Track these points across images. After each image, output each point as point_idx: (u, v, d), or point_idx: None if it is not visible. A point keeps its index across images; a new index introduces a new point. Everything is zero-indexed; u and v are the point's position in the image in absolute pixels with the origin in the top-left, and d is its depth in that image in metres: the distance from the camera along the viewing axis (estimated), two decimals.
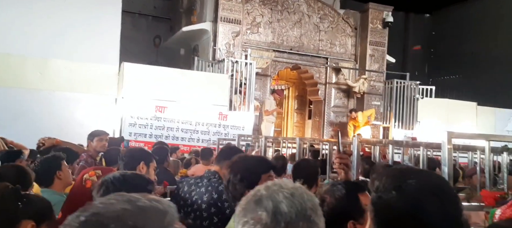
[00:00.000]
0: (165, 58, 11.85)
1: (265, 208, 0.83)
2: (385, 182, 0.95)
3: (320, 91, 10.30)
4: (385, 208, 0.92)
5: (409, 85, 9.79)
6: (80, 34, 7.09)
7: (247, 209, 0.85)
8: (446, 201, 0.89)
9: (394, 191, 0.91)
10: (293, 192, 0.86)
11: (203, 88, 7.65)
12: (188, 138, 7.47)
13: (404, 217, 0.88)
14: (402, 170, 0.99)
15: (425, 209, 0.86)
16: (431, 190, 0.90)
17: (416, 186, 0.90)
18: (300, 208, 0.83)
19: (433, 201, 0.87)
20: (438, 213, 0.86)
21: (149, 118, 7.20)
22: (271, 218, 0.81)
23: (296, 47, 9.86)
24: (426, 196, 0.88)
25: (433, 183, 0.92)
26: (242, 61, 8.27)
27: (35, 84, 6.55)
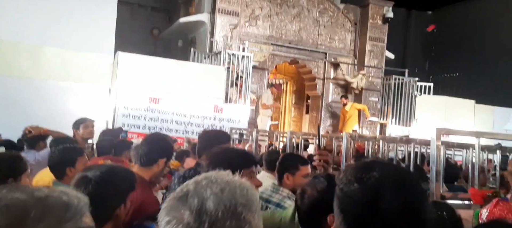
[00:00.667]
0: (163, 50, 11.76)
1: (189, 206, 0.76)
2: (348, 174, 0.91)
3: (318, 86, 10.23)
4: (347, 200, 0.89)
5: (408, 82, 9.70)
6: (74, 23, 7.00)
7: (171, 207, 0.78)
8: (408, 195, 0.84)
9: (356, 183, 0.87)
10: (223, 187, 0.79)
11: (198, 80, 7.57)
12: (182, 130, 7.41)
13: (365, 209, 0.85)
14: (366, 163, 0.93)
15: (385, 201, 0.82)
16: (393, 182, 0.85)
17: (378, 178, 0.86)
18: (229, 205, 0.76)
19: (393, 194, 0.83)
20: (399, 206, 0.82)
21: (143, 109, 7.13)
22: (194, 217, 0.74)
23: (294, 41, 9.76)
24: (386, 189, 0.83)
25: (397, 176, 0.87)
26: (239, 54, 8.19)
27: (27, 73, 6.47)
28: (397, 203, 0.82)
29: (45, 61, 6.65)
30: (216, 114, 7.67)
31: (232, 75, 7.96)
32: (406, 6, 14.31)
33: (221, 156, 1.69)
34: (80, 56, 6.90)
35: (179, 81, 7.40)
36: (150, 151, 2.24)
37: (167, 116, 7.34)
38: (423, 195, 0.87)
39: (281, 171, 2.57)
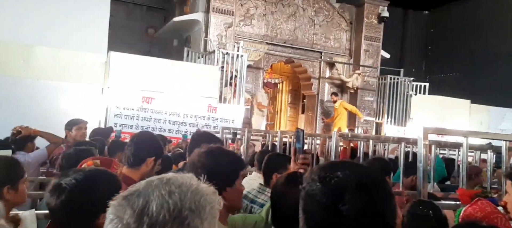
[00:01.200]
0: (159, 49, 11.72)
1: (132, 206, 0.73)
2: (314, 173, 0.88)
3: (313, 85, 10.19)
4: (309, 200, 0.86)
5: (403, 81, 9.67)
6: (67, 22, 6.94)
7: (117, 205, 0.75)
8: (370, 197, 0.81)
9: (319, 182, 0.84)
10: (173, 190, 0.75)
11: (192, 80, 7.52)
12: (175, 129, 7.36)
13: (325, 210, 0.82)
14: (333, 163, 0.90)
15: (345, 203, 0.79)
16: (355, 184, 0.82)
17: (341, 179, 0.83)
18: (173, 209, 0.73)
19: (354, 196, 0.80)
20: (359, 209, 0.79)
21: (136, 109, 7.08)
22: (135, 218, 0.71)
23: (290, 40, 9.73)
24: (348, 190, 0.80)
25: (361, 177, 0.83)
26: (233, 53, 8.14)
27: (18, 72, 6.40)
28: (358, 205, 0.79)
29: (37, 61, 6.59)
30: (210, 113, 7.62)
31: (226, 74, 7.92)
32: (403, 6, 14.29)
33: (210, 158, 1.56)
34: (73, 55, 6.84)
35: (173, 80, 7.35)
36: (137, 151, 2.18)
37: (160, 115, 7.29)
38: (387, 198, 0.83)
39: (268, 171, 2.52)
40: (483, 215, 2.07)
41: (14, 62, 6.42)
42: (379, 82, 9.99)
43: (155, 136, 2.58)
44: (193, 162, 1.48)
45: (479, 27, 12.82)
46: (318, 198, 0.83)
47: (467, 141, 2.48)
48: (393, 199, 0.85)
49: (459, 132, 2.42)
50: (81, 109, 6.64)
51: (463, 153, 2.51)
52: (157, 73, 7.30)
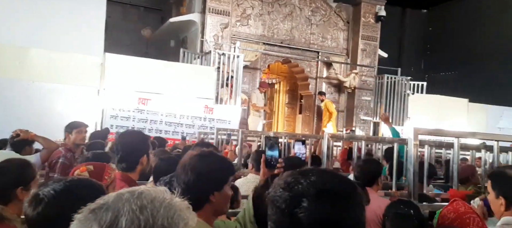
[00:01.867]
0: (156, 50, 11.70)
1: (99, 221, 0.69)
2: (280, 179, 0.86)
3: (311, 85, 10.18)
4: (271, 205, 0.84)
5: (400, 80, 9.65)
6: (62, 24, 6.93)
7: (82, 219, 0.71)
8: (333, 206, 0.78)
9: (282, 189, 0.82)
10: (145, 205, 0.72)
11: (188, 81, 7.50)
12: (172, 131, 7.34)
13: (284, 215, 0.80)
14: (306, 170, 0.87)
15: (302, 208, 0.77)
16: (317, 191, 0.79)
17: (304, 185, 0.80)
18: (145, 225, 0.69)
19: (314, 202, 0.77)
20: (318, 215, 0.77)
21: (132, 110, 7.06)
22: None
23: (286, 40, 9.71)
24: (307, 196, 0.78)
25: (325, 184, 0.80)
26: (230, 54, 8.12)
27: (13, 74, 6.38)
28: (315, 213, 0.76)
29: (32, 63, 6.58)
30: (206, 114, 7.60)
31: (222, 75, 7.90)
32: (400, 5, 14.26)
33: (201, 162, 1.55)
34: (69, 57, 6.83)
35: (169, 82, 7.33)
36: (129, 155, 2.18)
37: (156, 116, 7.27)
38: (352, 208, 0.80)
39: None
40: (456, 215, 2.05)
41: (10, 64, 6.40)
42: (377, 81, 9.98)
43: (140, 133, 2.56)
44: (184, 164, 1.48)
45: (477, 26, 12.80)
46: (278, 204, 0.81)
47: (458, 142, 2.46)
48: (359, 210, 0.82)
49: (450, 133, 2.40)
50: (77, 111, 6.62)
51: (454, 153, 2.50)
52: (153, 74, 7.28)
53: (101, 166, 1.91)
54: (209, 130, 7.28)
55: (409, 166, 2.42)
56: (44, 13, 6.86)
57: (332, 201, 0.78)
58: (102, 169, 1.88)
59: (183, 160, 1.51)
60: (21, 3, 6.74)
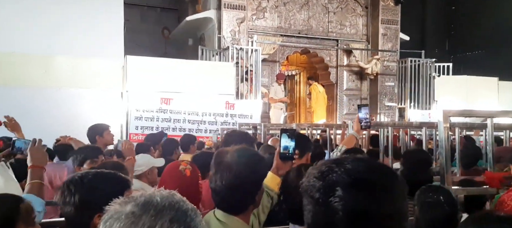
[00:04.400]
0: (174, 49, 11.81)
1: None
2: (315, 168, 0.82)
3: (331, 74, 10.01)
4: (304, 195, 0.81)
5: (425, 63, 9.35)
6: (82, 29, 7.06)
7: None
8: (372, 195, 0.74)
9: (316, 178, 0.79)
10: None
11: (208, 78, 7.53)
12: (195, 129, 7.40)
13: (318, 204, 0.77)
14: (341, 158, 0.83)
15: (337, 197, 0.73)
16: (354, 180, 0.75)
17: (340, 174, 0.76)
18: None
19: (352, 192, 0.74)
20: (356, 206, 0.73)
21: (155, 111, 7.16)
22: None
23: (304, 30, 9.57)
24: (341, 185, 0.74)
25: (363, 174, 0.76)
26: (247, 48, 8.09)
27: (39, 82, 6.59)
28: (350, 204, 0.72)
29: (56, 70, 6.76)
30: (228, 110, 7.62)
31: (241, 70, 7.88)
32: None
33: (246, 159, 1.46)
34: (90, 62, 6.98)
35: (189, 80, 7.38)
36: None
37: (179, 115, 7.35)
38: (389, 199, 0.75)
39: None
40: None
41: (35, 73, 6.60)
42: (400, 66, 9.70)
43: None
44: (228, 165, 1.37)
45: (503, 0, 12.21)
46: (312, 193, 0.78)
47: (491, 122, 2.34)
48: (399, 201, 0.76)
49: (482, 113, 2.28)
50: (102, 115, 6.77)
51: (488, 134, 2.37)
52: (174, 73, 7.35)
53: (195, 166, 2.04)
54: (231, 125, 7.29)
55: (441, 150, 2.32)
56: (63, 20, 6.99)
57: (368, 191, 0.74)
58: (196, 169, 2.02)
59: (225, 160, 1.39)
60: (40, 11, 6.89)
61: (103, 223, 0.74)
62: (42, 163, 1.93)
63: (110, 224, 0.72)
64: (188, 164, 2.01)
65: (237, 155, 1.38)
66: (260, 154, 1.63)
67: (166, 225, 0.72)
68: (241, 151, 1.41)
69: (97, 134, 3.93)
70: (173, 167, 2.02)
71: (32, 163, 1.89)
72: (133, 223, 0.71)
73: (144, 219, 0.71)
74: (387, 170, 0.80)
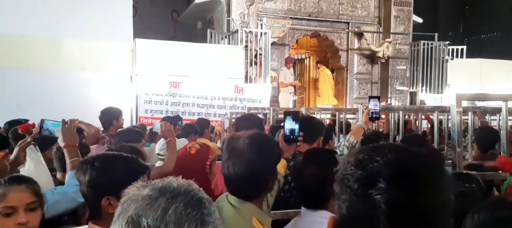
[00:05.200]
0: (183, 33, 11.77)
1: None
2: (352, 156, 0.77)
3: (342, 58, 9.87)
4: (340, 184, 0.76)
5: (438, 46, 9.14)
6: (92, 12, 7.04)
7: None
8: (417, 189, 0.69)
9: (354, 166, 0.73)
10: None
11: (217, 62, 7.49)
12: (204, 113, 7.40)
13: (357, 196, 0.71)
14: (381, 146, 0.76)
15: (378, 190, 0.69)
16: (398, 172, 0.70)
17: (382, 164, 0.71)
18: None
19: (395, 185, 0.68)
20: (399, 199, 0.68)
21: (164, 94, 7.17)
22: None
23: (314, 13, 9.41)
24: (388, 177, 0.69)
25: (408, 165, 0.71)
26: (257, 31, 7.99)
27: (50, 65, 6.63)
28: (393, 198, 0.67)
29: (67, 53, 6.78)
30: (237, 94, 7.60)
31: (250, 54, 7.81)
32: None
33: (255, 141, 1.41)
34: (100, 45, 6.98)
35: (198, 64, 7.35)
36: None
37: (188, 99, 7.36)
38: (435, 192, 0.70)
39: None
40: None
41: (44, 56, 6.63)
42: (412, 49, 9.51)
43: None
44: (240, 151, 1.33)
45: None
46: (349, 183, 0.72)
47: (506, 106, 2.27)
48: (445, 194, 0.71)
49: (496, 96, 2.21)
50: (112, 98, 6.79)
51: (502, 119, 2.31)
52: (183, 57, 7.32)
53: (206, 146, 2.04)
54: (240, 109, 7.27)
55: (453, 134, 2.27)
56: (73, 3, 6.97)
57: (413, 184, 0.68)
58: (208, 148, 2.02)
59: (237, 146, 1.35)
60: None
61: (121, 204, 0.78)
62: (75, 142, 1.99)
63: (127, 205, 0.76)
64: (197, 144, 2.03)
65: (250, 141, 1.34)
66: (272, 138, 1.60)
67: (180, 208, 0.74)
68: (253, 137, 1.36)
69: (114, 118, 3.98)
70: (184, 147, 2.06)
71: (65, 142, 1.95)
72: (149, 204, 0.75)
73: (159, 201, 0.75)
74: (431, 161, 0.74)
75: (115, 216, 0.76)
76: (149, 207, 0.74)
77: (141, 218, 0.72)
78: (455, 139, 2.27)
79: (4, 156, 1.94)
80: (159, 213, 0.73)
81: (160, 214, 0.72)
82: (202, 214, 0.76)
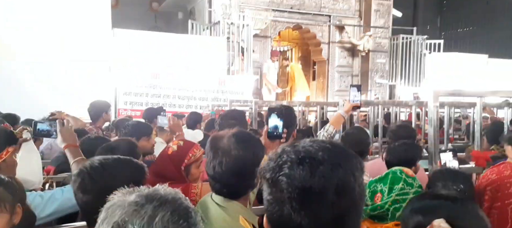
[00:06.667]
0: (164, 23, 11.56)
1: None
2: (273, 152, 0.83)
3: (323, 51, 9.94)
4: (261, 178, 0.82)
5: (416, 40, 9.33)
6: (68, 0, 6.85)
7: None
8: (316, 171, 0.73)
9: (270, 159, 0.80)
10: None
11: (198, 53, 7.41)
12: (185, 105, 7.33)
13: (268, 186, 0.79)
14: (302, 141, 0.81)
15: (285, 175, 0.74)
16: (301, 158, 0.75)
17: (290, 153, 0.77)
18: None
19: (296, 169, 0.74)
20: (299, 182, 0.73)
21: (144, 86, 7.05)
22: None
23: (296, 5, 9.41)
24: (291, 163, 0.75)
25: (311, 152, 0.76)
26: (239, 23, 7.95)
27: (23, 54, 6.41)
28: (294, 181, 0.72)
29: (40, 42, 6.57)
30: (219, 86, 7.54)
31: (232, 45, 7.77)
32: None
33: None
34: (77, 34, 6.78)
35: (179, 55, 7.26)
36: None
37: (169, 91, 7.25)
38: (334, 176, 0.73)
39: None
40: (498, 177, 2.00)
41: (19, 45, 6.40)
42: (391, 43, 9.67)
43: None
44: (225, 149, 1.32)
45: None
46: (265, 174, 0.79)
47: (481, 102, 2.35)
48: (348, 180, 0.74)
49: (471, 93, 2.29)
50: (89, 89, 6.66)
51: (476, 113, 2.39)
52: (163, 48, 7.21)
53: (189, 144, 1.96)
54: (222, 102, 7.24)
55: (430, 129, 2.34)
56: None
57: (312, 167, 0.72)
58: (189, 147, 1.93)
59: (222, 145, 1.33)
60: None
61: (105, 210, 0.77)
62: (75, 142, 1.96)
63: (112, 210, 0.75)
64: (181, 142, 1.96)
65: (235, 139, 1.33)
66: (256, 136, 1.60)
67: (167, 216, 0.74)
68: (238, 135, 1.36)
69: (104, 111, 3.96)
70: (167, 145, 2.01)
71: (65, 143, 1.92)
72: (135, 210, 0.74)
73: (146, 208, 0.74)
74: (338, 149, 0.78)
75: (99, 222, 0.76)
76: (135, 214, 0.73)
77: (127, 224, 0.72)
78: (431, 133, 2.34)
79: (12, 151, 1.89)
80: (145, 220, 0.72)
81: (147, 221, 0.72)
82: (189, 223, 0.76)
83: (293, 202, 0.72)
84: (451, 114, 4.58)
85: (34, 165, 1.97)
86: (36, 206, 1.62)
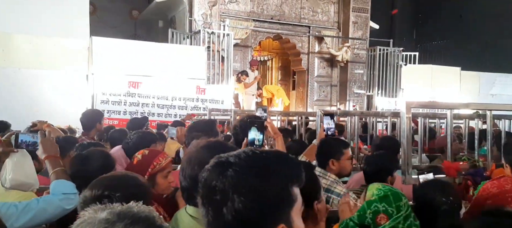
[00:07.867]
0: (144, 31, 11.46)
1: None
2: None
3: (303, 61, 10.08)
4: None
5: (393, 52, 9.59)
6: (44, 7, 6.69)
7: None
8: (225, 173, 0.79)
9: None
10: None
11: (178, 62, 7.38)
12: (164, 113, 7.28)
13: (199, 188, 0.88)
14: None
15: (203, 178, 0.84)
16: (218, 162, 0.84)
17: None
18: None
19: (212, 171, 0.83)
20: (210, 183, 0.81)
21: (122, 94, 6.96)
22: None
23: (277, 16, 9.54)
24: (210, 166, 0.85)
25: (230, 157, 0.83)
26: (219, 32, 7.97)
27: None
28: (207, 181, 0.82)
29: (17, 49, 6.40)
30: (198, 95, 7.52)
31: (213, 54, 7.77)
32: None
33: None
34: (54, 42, 6.64)
35: (159, 63, 7.21)
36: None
37: (148, 99, 7.19)
38: (248, 180, 0.77)
39: (325, 157, 2.41)
40: (499, 191, 1.94)
41: None
42: (369, 54, 9.91)
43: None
44: (193, 157, 1.34)
45: None
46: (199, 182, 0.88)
47: (451, 113, 2.44)
48: (261, 185, 0.77)
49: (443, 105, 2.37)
50: (66, 98, 6.53)
51: (447, 125, 2.48)
52: (143, 56, 7.15)
53: (154, 153, 1.95)
54: (202, 111, 7.22)
55: (403, 139, 2.40)
56: None
57: (222, 169, 0.79)
58: (153, 156, 1.91)
59: (190, 153, 1.36)
60: None
61: (75, 227, 0.74)
62: (56, 153, 1.95)
63: (82, 227, 0.73)
64: (146, 151, 1.93)
65: (207, 149, 1.33)
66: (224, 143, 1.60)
67: None
68: (209, 144, 1.37)
69: (97, 120, 3.86)
70: None
71: (46, 154, 1.91)
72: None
73: (117, 226, 0.72)
74: (264, 155, 0.82)
75: None
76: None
77: None
78: (404, 144, 2.40)
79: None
80: None
81: None
82: None
83: (203, 198, 0.82)
84: (426, 123, 4.72)
85: (27, 168, 1.96)
86: (10, 215, 1.61)
